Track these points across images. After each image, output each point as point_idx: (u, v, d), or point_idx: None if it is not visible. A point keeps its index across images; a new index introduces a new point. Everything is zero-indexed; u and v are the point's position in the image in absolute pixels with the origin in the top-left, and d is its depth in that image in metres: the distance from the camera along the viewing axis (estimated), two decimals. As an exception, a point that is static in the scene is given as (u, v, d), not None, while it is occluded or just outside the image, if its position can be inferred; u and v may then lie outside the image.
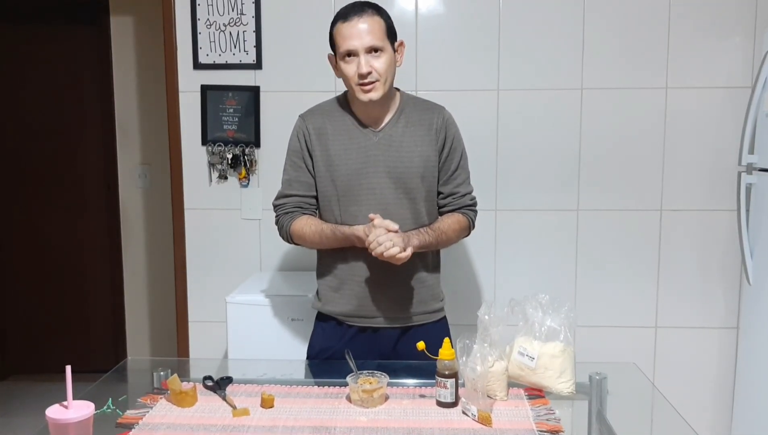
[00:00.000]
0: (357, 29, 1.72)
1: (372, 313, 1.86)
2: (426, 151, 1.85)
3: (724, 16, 2.51)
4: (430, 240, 1.82)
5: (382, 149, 1.82)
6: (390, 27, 1.79)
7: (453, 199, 1.90)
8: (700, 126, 2.57)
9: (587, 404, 1.58)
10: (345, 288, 1.87)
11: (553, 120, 2.59)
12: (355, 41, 1.72)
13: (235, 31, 2.62)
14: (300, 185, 1.88)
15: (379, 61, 1.74)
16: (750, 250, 2.34)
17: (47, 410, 1.23)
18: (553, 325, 1.58)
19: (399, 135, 1.84)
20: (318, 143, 1.85)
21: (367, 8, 1.76)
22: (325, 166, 1.84)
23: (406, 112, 1.86)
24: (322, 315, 1.94)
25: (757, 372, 2.34)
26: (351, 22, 1.73)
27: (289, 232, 1.87)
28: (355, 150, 1.83)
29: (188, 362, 2.54)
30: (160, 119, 3.00)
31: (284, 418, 1.45)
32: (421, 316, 1.90)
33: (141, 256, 3.81)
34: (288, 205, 1.88)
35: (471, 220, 1.93)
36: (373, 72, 1.74)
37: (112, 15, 3.63)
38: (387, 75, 1.76)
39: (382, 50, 1.75)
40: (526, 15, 2.55)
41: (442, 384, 1.50)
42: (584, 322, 2.55)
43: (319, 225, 1.83)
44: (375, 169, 1.82)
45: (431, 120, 1.87)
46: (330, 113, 1.88)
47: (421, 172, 1.84)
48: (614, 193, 2.61)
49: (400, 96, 1.89)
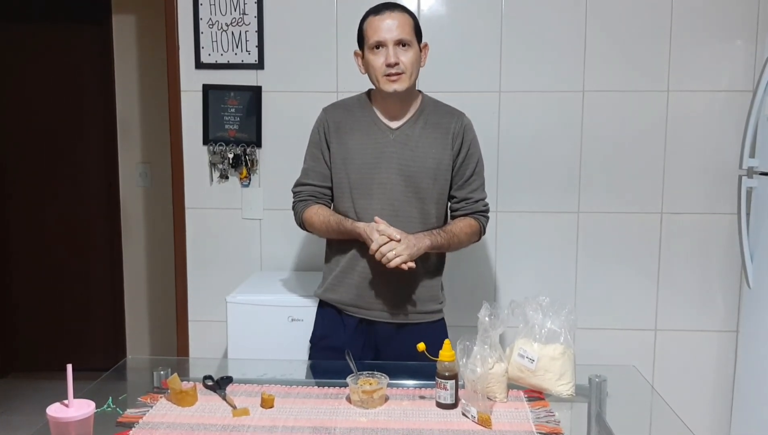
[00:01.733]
0: (387, 23, 1.82)
1: (369, 305, 1.91)
2: (440, 154, 1.89)
3: (725, 19, 2.51)
4: (442, 241, 1.87)
5: (397, 147, 1.88)
6: (417, 26, 1.88)
7: (467, 205, 1.95)
8: (702, 129, 2.57)
9: (587, 406, 1.58)
10: (347, 278, 1.92)
11: (555, 122, 2.59)
12: (385, 33, 1.81)
13: (238, 30, 2.62)
14: (316, 175, 1.96)
15: (407, 55, 1.83)
16: (750, 254, 2.34)
17: (48, 409, 1.24)
18: (554, 327, 1.58)
19: (415, 135, 1.89)
20: (336, 136, 1.92)
21: (398, 6, 1.87)
22: (341, 158, 1.90)
23: (425, 114, 1.92)
24: (323, 302, 2.00)
25: (756, 375, 2.34)
26: (382, 16, 1.83)
27: (302, 218, 1.96)
28: (371, 145, 1.88)
29: (188, 362, 2.55)
30: (162, 118, 3.00)
31: (284, 418, 1.46)
32: (418, 316, 1.93)
33: (141, 254, 3.81)
34: (303, 193, 1.97)
35: (483, 225, 1.99)
36: (400, 63, 1.81)
37: (115, 13, 3.63)
38: (413, 69, 1.85)
39: (410, 45, 1.84)
40: (528, 17, 2.55)
41: (442, 385, 1.50)
42: (584, 324, 2.55)
43: (327, 215, 1.90)
44: (388, 165, 1.87)
45: (449, 125, 1.92)
46: (351, 108, 1.95)
47: (433, 174, 1.89)
48: (615, 195, 2.61)
49: (422, 97, 1.95)
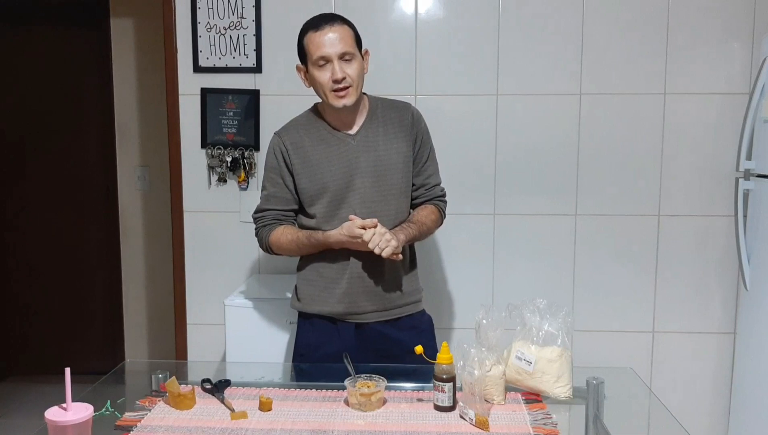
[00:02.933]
0: (329, 37, 1.80)
1: (363, 308, 1.91)
2: (402, 146, 1.92)
3: (722, 22, 2.52)
4: (414, 233, 1.90)
5: (362, 151, 1.89)
6: (357, 36, 1.87)
7: (425, 191, 1.99)
8: (698, 132, 2.58)
9: (584, 409, 1.58)
10: (336, 288, 1.90)
11: (552, 125, 2.60)
12: (327, 48, 1.79)
13: (236, 34, 2.62)
14: (277, 200, 1.95)
15: (351, 68, 1.82)
16: (747, 256, 2.34)
17: (46, 412, 1.24)
18: (551, 330, 1.58)
19: (375, 135, 1.91)
20: (296, 156, 1.91)
21: (335, 18, 1.85)
22: (307, 176, 1.90)
23: (377, 113, 1.94)
24: (306, 314, 1.98)
25: (754, 377, 2.34)
26: (323, 30, 1.80)
27: (268, 243, 1.95)
28: (336, 156, 1.89)
29: (186, 365, 2.55)
30: (160, 122, 3.01)
31: (282, 421, 1.46)
32: (407, 307, 1.97)
33: (139, 258, 3.80)
34: (266, 218, 1.96)
35: (442, 210, 2.03)
36: (347, 77, 1.80)
37: (113, 17, 3.63)
38: (359, 81, 1.85)
39: (353, 56, 1.83)
40: (525, 20, 2.56)
41: (439, 388, 1.50)
42: (581, 326, 2.55)
43: (295, 233, 1.91)
44: (358, 171, 1.88)
45: (402, 117, 1.95)
46: (305, 125, 1.95)
47: (402, 167, 1.92)
48: (612, 198, 2.61)
49: (368, 99, 1.96)
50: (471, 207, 2.62)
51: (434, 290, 2.64)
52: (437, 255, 2.67)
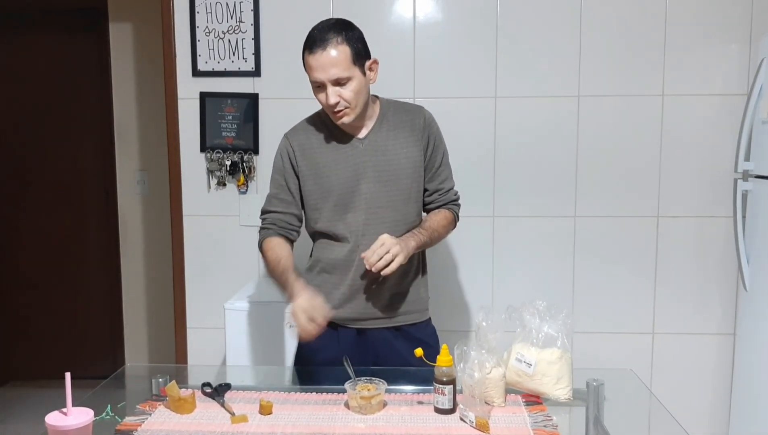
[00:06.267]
0: (321, 62, 1.73)
1: (365, 315, 1.90)
2: (412, 151, 1.89)
3: (720, 23, 2.53)
4: (425, 240, 1.87)
5: (370, 155, 1.86)
6: (357, 51, 1.77)
7: (439, 196, 1.96)
8: (697, 133, 2.58)
9: (584, 410, 1.58)
10: (336, 292, 1.89)
11: (551, 127, 2.60)
12: (320, 74, 1.74)
13: (234, 38, 2.63)
14: (279, 202, 1.93)
15: (347, 90, 1.75)
16: (746, 256, 2.35)
17: (47, 417, 1.24)
18: (551, 332, 1.58)
19: (385, 140, 1.88)
20: (303, 159, 1.89)
21: (331, 37, 1.74)
22: (313, 179, 1.88)
23: (387, 117, 1.91)
24: None
25: (753, 378, 2.34)
26: (315, 55, 1.74)
27: (261, 248, 1.94)
28: (343, 159, 1.86)
29: (186, 369, 2.54)
30: (159, 126, 3.01)
31: (282, 425, 1.46)
32: (411, 316, 1.94)
33: (139, 262, 3.81)
34: (267, 221, 1.94)
35: (456, 214, 2.00)
36: (341, 101, 1.76)
37: (112, 22, 3.65)
38: (357, 101, 1.78)
39: (349, 79, 1.75)
40: (524, 23, 2.57)
41: (439, 390, 1.50)
42: (581, 328, 2.56)
43: (278, 256, 1.86)
44: (365, 175, 1.85)
45: (413, 121, 1.91)
46: (314, 128, 1.92)
47: (411, 173, 1.88)
48: (611, 199, 2.62)
49: (380, 102, 1.93)
50: (470, 209, 2.60)
51: (434, 293, 2.61)
52: (436, 257, 2.67)
